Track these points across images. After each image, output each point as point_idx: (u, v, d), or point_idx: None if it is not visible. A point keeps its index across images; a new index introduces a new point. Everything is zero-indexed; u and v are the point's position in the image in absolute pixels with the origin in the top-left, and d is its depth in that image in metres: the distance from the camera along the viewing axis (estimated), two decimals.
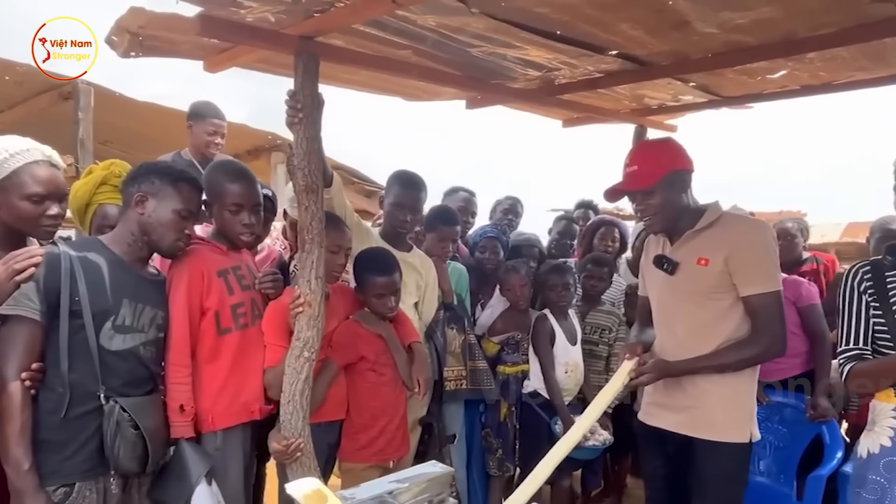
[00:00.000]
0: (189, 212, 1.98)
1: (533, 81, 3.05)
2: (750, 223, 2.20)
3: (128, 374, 1.87)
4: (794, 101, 3.70)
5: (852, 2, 2.05)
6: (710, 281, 2.08)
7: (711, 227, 2.10)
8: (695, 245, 2.12)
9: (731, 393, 2.09)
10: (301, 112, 2.06)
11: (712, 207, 2.13)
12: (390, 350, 2.41)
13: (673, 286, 2.18)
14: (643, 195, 2.12)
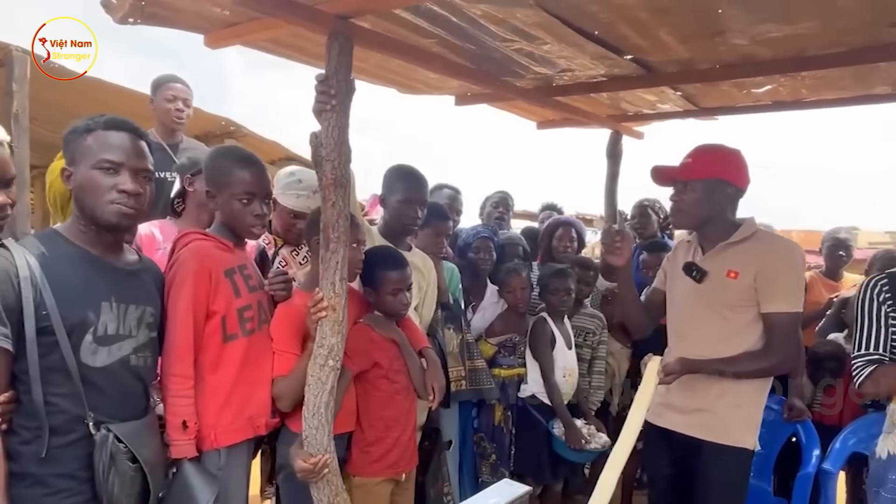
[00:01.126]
0: (112, 163, 1.55)
1: (535, 81, 3.01)
2: (783, 242, 2.25)
3: (119, 392, 1.61)
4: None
5: (875, 24, 2.14)
6: (737, 294, 2.13)
7: (745, 241, 2.14)
8: (726, 257, 2.17)
9: (743, 400, 2.15)
10: (334, 99, 1.89)
11: (748, 223, 2.18)
12: (403, 356, 2.28)
13: (698, 294, 2.21)
14: (683, 187, 2.18)
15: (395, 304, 2.26)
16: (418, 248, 2.72)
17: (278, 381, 2.02)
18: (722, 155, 2.22)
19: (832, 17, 2.01)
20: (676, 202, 2.22)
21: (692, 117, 4.08)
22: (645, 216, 4.07)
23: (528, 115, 4.14)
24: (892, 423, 1.94)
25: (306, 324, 2.04)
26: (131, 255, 1.77)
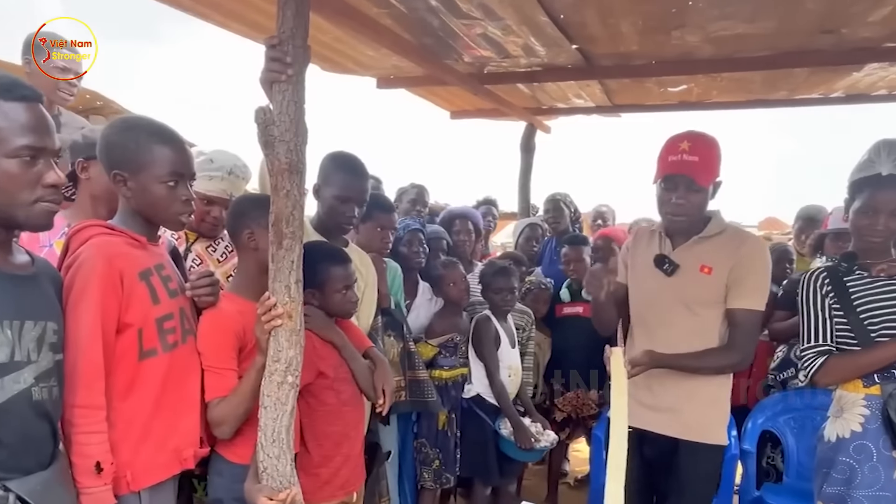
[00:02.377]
0: (32, 149, 1.25)
1: (470, 67, 2.88)
2: (755, 240, 2.26)
3: (19, 437, 1.24)
4: None
5: (808, 30, 2.26)
6: (710, 290, 2.11)
7: (718, 236, 2.12)
8: (699, 251, 2.13)
9: (717, 397, 2.17)
10: (290, 68, 1.60)
11: (718, 217, 2.16)
12: (346, 360, 2.03)
13: (669, 288, 2.16)
14: (692, 189, 2.04)
15: (344, 303, 2.01)
16: (359, 245, 2.46)
17: (217, 404, 1.70)
18: (718, 153, 2.11)
19: (789, 19, 2.08)
20: (682, 205, 2.06)
21: (598, 114, 4.20)
22: (558, 210, 4.11)
23: (444, 103, 4.03)
24: (839, 408, 2.05)
25: (240, 334, 1.76)
26: (21, 256, 1.36)
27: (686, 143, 2.02)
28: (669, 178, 2.06)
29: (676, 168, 2.03)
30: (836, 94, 3.43)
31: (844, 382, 2.03)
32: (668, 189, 2.09)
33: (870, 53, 2.55)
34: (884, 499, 1.90)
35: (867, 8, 2.07)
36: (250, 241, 1.85)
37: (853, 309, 2.00)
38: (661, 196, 2.12)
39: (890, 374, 1.93)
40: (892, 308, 1.96)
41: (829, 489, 1.99)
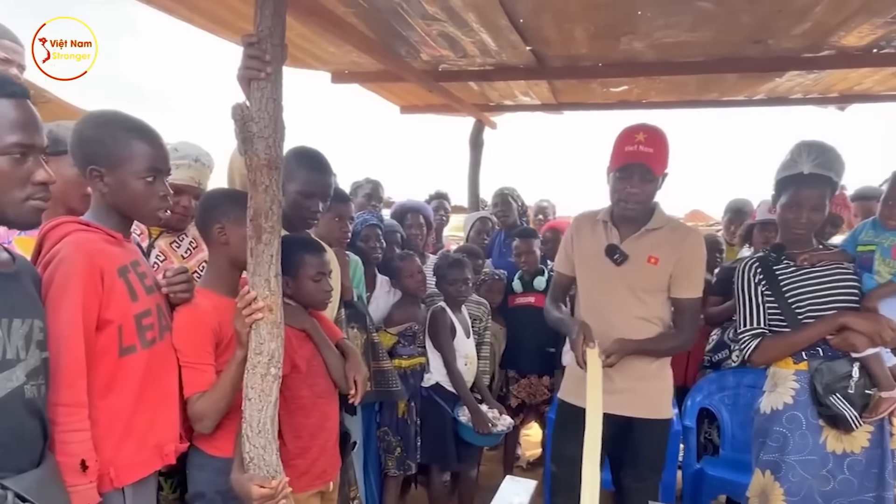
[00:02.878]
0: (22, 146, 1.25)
1: (425, 65, 2.94)
2: (695, 233, 2.42)
3: (12, 435, 1.24)
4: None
5: (741, 40, 2.46)
6: (656, 279, 2.28)
7: (662, 229, 2.28)
8: (647, 242, 2.28)
9: (664, 375, 2.36)
10: (269, 66, 1.62)
11: (660, 209, 2.32)
12: (319, 349, 2.07)
13: (618, 277, 2.30)
14: (646, 179, 2.17)
15: (318, 292, 2.03)
16: (318, 237, 2.47)
17: (198, 399, 1.70)
18: (669, 145, 2.24)
19: (725, 30, 2.27)
20: (636, 194, 2.20)
21: (542, 111, 4.36)
22: (506, 204, 4.25)
23: (394, 98, 4.07)
24: (773, 383, 2.26)
25: (216, 329, 1.77)
26: (2, 253, 1.34)
27: (642, 135, 2.16)
28: (626, 167, 2.19)
29: (633, 158, 2.16)
30: (758, 96, 3.73)
31: (777, 361, 2.25)
32: (623, 178, 2.21)
33: (791, 62, 2.81)
34: (811, 462, 2.12)
35: (791, 23, 2.29)
36: (220, 236, 1.84)
37: (782, 295, 2.22)
38: (616, 185, 2.24)
39: (815, 352, 2.15)
40: (815, 293, 2.18)
41: (766, 456, 2.20)
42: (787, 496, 2.12)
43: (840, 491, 2.09)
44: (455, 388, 2.91)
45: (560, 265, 2.53)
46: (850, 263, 2.24)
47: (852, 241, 2.32)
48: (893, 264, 2.15)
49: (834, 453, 2.11)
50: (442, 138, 10.60)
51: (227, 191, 1.94)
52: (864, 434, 2.10)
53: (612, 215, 2.36)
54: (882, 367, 2.12)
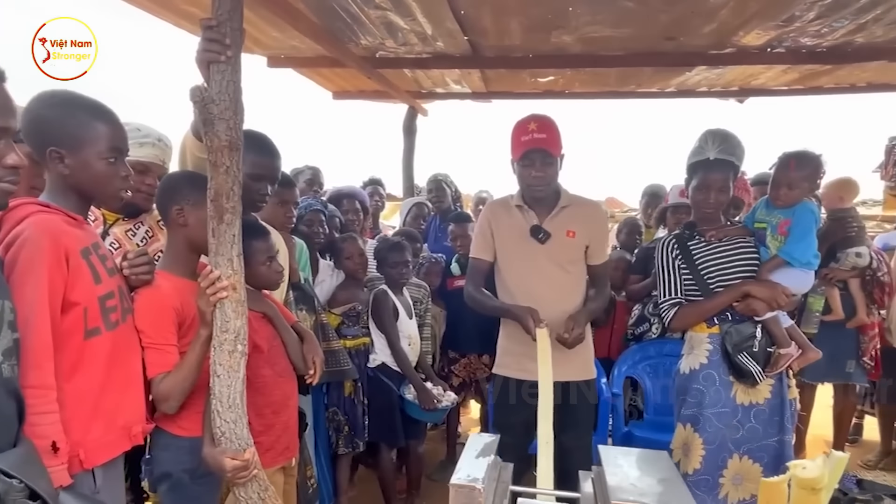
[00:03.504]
0: None
1: (364, 51, 3.00)
2: (599, 207, 2.69)
3: None
4: None
5: (656, 36, 2.70)
6: (575, 250, 2.50)
7: (571, 206, 2.50)
8: (563, 219, 2.50)
9: (588, 341, 2.56)
10: (229, 49, 1.65)
11: (563, 189, 2.53)
12: (279, 331, 2.12)
13: (544, 254, 2.48)
14: (546, 162, 2.37)
15: (270, 274, 2.08)
16: (263, 220, 2.49)
17: (162, 379, 1.72)
18: (558, 129, 2.44)
19: (644, 26, 2.49)
20: (541, 177, 2.38)
21: (472, 99, 4.51)
22: (440, 190, 4.37)
23: (327, 83, 4.08)
24: (690, 347, 2.53)
25: (179, 309, 1.79)
26: None
27: (533, 124, 2.36)
28: (526, 154, 2.38)
29: (530, 145, 2.36)
30: (669, 89, 4.05)
31: (693, 326, 2.51)
32: (526, 165, 2.41)
33: (699, 58, 3.11)
34: (724, 413, 2.39)
35: (701, 23, 2.55)
36: (179, 217, 1.85)
37: (696, 267, 2.48)
38: (522, 172, 2.44)
39: (725, 317, 2.42)
40: (723, 265, 2.46)
41: (686, 411, 2.46)
42: (706, 445, 2.38)
43: (748, 437, 2.38)
44: (400, 367, 3.02)
45: (479, 252, 2.61)
46: (751, 237, 2.53)
47: (751, 219, 2.60)
48: (781, 239, 2.44)
49: (742, 405, 2.39)
50: (375, 125, 10.55)
51: (186, 173, 1.95)
52: (767, 387, 2.39)
53: (524, 199, 2.53)
54: (779, 328, 2.42)
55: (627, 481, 1.28)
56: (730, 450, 2.39)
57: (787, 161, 2.46)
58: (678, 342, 3.29)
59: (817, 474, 0.94)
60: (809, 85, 3.80)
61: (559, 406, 2.50)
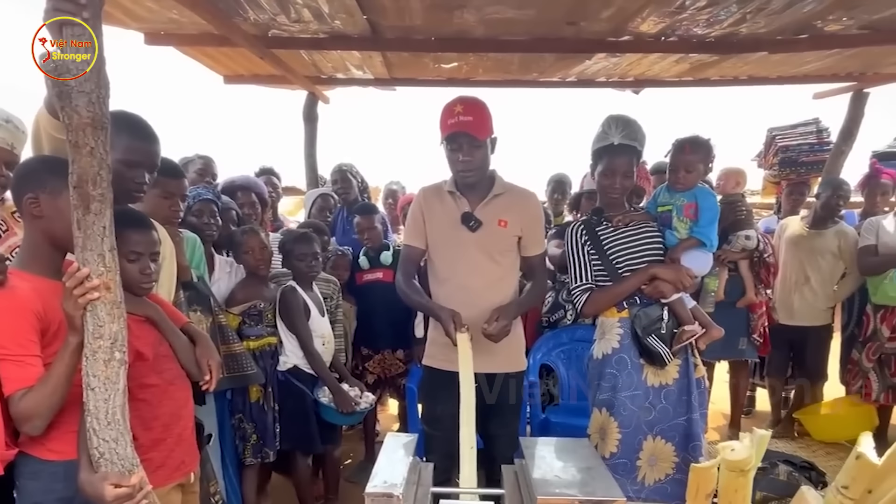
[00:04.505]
0: None
1: (255, 27, 2.78)
2: (534, 198, 2.57)
3: None
4: None
5: (558, 19, 2.69)
6: (506, 240, 2.43)
7: (505, 194, 2.42)
8: (494, 208, 2.41)
9: (518, 332, 2.52)
10: (86, 9, 1.42)
11: (498, 176, 2.45)
12: (166, 336, 1.89)
13: (473, 242, 2.39)
14: (473, 146, 2.27)
15: (135, 274, 1.75)
16: (146, 213, 2.23)
17: (23, 396, 1.46)
18: (487, 111, 2.35)
19: (546, 8, 2.46)
20: (469, 161, 2.30)
21: (375, 86, 4.36)
22: (346, 181, 4.19)
23: (217, 66, 3.79)
24: (601, 332, 2.54)
25: (41, 314, 1.55)
26: None
27: (460, 107, 2.28)
28: (452, 137, 2.30)
29: (456, 128, 2.27)
30: (570, 78, 4.11)
31: (604, 311, 2.52)
32: (453, 149, 2.32)
33: (599, 45, 3.14)
34: (637, 396, 2.42)
35: (600, 7, 2.56)
36: (34, 208, 1.60)
37: (605, 252, 2.50)
38: (450, 156, 2.35)
39: (634, 301, 2.46)
40: (629, 249, 2.49)
41: (601, 396, 2.48)
42: (621, 428, 2.41)
43: (660, 418, 2.43)
44: (314, 369, 2.83)
45: (411, 239, 2.55)
46: (653, 222, 2.58)
47: (653, 204, 2.68)
48: (687, 222, 2.53)
49: (653, 387, 2.43)
50: (272, 112, 10.09)
51: (40, 157, 1.68)
52: (675, 368, 2.45)
53: (456, 185, 2.45)
54: (684, 309, 2.49)
55: (551, 473, 1.24)
56: (644, 431, 2.43)
57: (682, 145, 2.56)
58: (589, 328, 3.33)
59: (746, 455, 0.91)
60: (698, 76, 3.98)
61: (482, 396, 2.44)
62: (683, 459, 2.45)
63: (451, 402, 2.37)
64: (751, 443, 0.96)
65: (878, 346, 3.71)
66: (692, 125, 29.74)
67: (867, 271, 3.72)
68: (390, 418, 4.48)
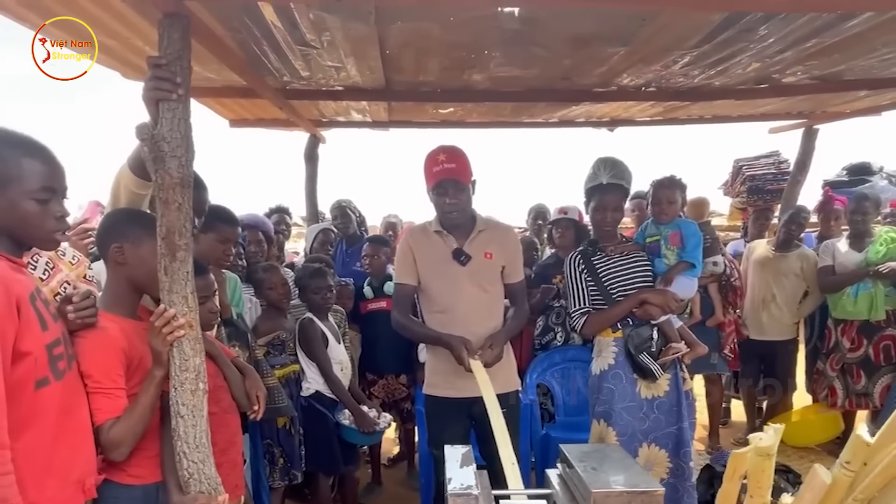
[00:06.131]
0: None
1: (277, 82, 3.03)
2: (512, 230, 2.87)
3: None
4: None
5: (556, 77, 3.01)
6: (493, 271, 2.66)
7: (488, 229, 2.66)
8: (480, 242, 2.64)
9: (510, 354, 2.73)
10: (180, 88, 1.67)
11: (478, 214, 2.68)
12: (222, 370, 2.11)
13: (464, 275, 2.60)
14: (459, 189, 2.51)
15: (205, 315, 2.03)
16: (197, 255, 2.43)
17: (112, 425, 1.64)
18: (467, 157, 2.59)
19: (548, 68, 2.78)
20: (455, 203, 2.52)
21: (371, 128, 4.64)
22: (345, 216, 4.42)
23: (224, 111, 4.02)
24: (598, 350, 2.83)
25: (127, 351, 1.73)
26: None
27: (443, 156, 2.52)
28: (439, 184, 2.52)
29: (441, 175, 2.50)
30: (553, 119, 4.45)
31: (600, 332, 2.81)
32: (440, 194, 2.54)
33: (587, 94, 3.48)
34: (632, 407, 2.70)
35: (595, 66, 2.89)
36: (118, 256, 1.78)
37: (600, 279, 2.80)
38: (437, 200, 2.58)
39: (627, 322, 2.75)
40: (622, 276, 2.80)
41: (599, 408, 2.76)
42: (619, 437, 2.68)
43: (654, 427, 2.71)
44: (335, 393, 3.03)
45: (403, 277, 2.67)
46: (643, 251, 2.90)
47: (641, 236, 3.00)
48: (674, 249, 2.86)
49: (647, 399, 2.72)
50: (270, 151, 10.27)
51: (124, 210, 1.88)
52: (665, 381, 2.74)
53: (442, 225, 2.65)
54: (672, 329, 2.79)
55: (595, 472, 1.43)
56: (639, 439, 2.71)
57: (662, 182, 2.94)
58: (581, 348, 3.62)
59: (772, 442, 1.19)
60: (668, 117, 4.37)
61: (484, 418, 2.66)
62: (676, 465, 2.74)
63: (456, 427, 2.60)
64: (774, 433, 1.23)
65: (840, 357, 4.07)
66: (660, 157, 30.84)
67: (826, 289, 4.10)
68: (389, 442, 4.65)
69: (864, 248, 3.95)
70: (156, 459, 1.77)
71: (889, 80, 3.32)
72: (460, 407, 2.59)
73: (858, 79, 3.29)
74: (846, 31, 2.31)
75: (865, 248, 3.94)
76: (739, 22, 2.17)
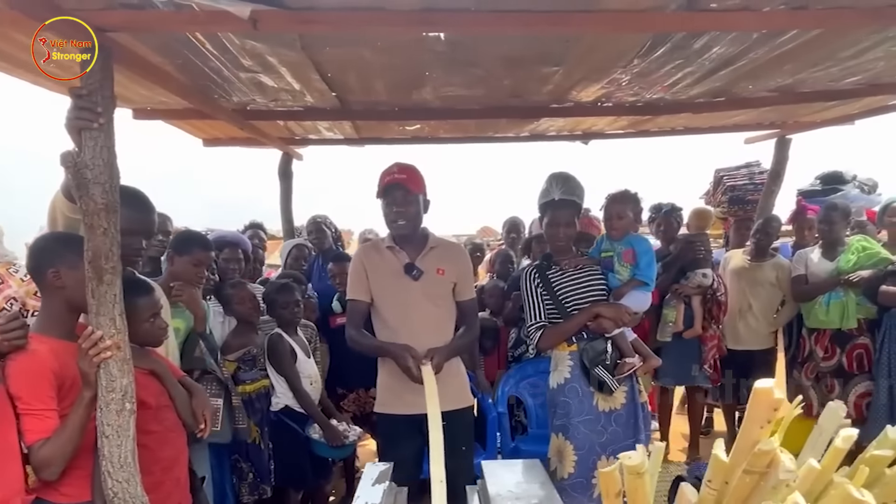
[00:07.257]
0: None
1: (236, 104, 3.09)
2: (463, 249, 2.91)
3: None
4: None
5: (504, 96, 3.06)
6: (445, 287, 2.68)
7: (439, 246, 2.70)
8: (433, 258, 2.67)
9: (461, 370, 2.75)
10: (102, 117, 1.72)
11: (430, 232, 2.73)
12: (167, 388, 2.14)
13: (416, 289, 2.62)
14: (407, 199, 2.55)
15: (154, 331, 2.10)
16: (172, 276, 2.59)
17: (41, 446, 1.67)
18: (420, 174, 2.65)
19: (492, 88, 2.84)
20: (403, 212, 2.54)
21: (345, 144, 4.69)
22: (320, 231, 4.47)
23: (196, 132, 4.09)
24: (555, 364, 2.84)
25: (58, 372, 1.76)
26: None
27: (395, 167, 2.59)
28: (387, 190, 2.56)
29: (391, 181, 2.55)
30: (524, 133, 4.49)
31: (556, 346, 2.82)
32: (388, 202, 2.58)
33: (544, 111, 3.53)
34: (589, 420, 2.70)
35: (539, 86, 2.95)
36: (56, 280, 1.82)
37: (555, 293, 2.81)
38: (385, 210, 2.61)
39: (582, 336, 2.76)
40: (576, 290, 2.80)
41: (557, 422, 2.76)
42: (577, 450, 2.68)
43: (611, 440, 2.70)
44: (304, 408, 3.05)
45: (356, 293, 2.68)
46: (597, 266, 2.90)
47: (597, 250, 3.00)
48: (627, 266, 2.85)
49: (604, 412, 2.72)
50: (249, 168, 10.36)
51: (59, 234, 1.93)
52: (622, 394, 2.74)
53: (395, 240, 2.65)
54: (625, 342, 2.79)
55: (506, 489, 1.48)
56: (598, 452, 2.69)
57: (615, 197, 2.93)
58: None
59: (639, 461, 1.19)
60: (639, 129, 4.40)
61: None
62: None
63: (409, 444, 2.58)
64: (643, 452, 1.24)
65: (814, 366, 4.04)
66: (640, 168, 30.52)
67: (799, 298, 4.09)
68: (369, 454, 4.65)
69: (836, 257, 3.95)
70: (88, 479, 1.80)
71: (849, 91, 3.33)
72: (412, 423, 2.56)
73: (818, 90, 3.31)
74: (778, 47, 2.34)
75: (837, 257, 3.94)
76: (670, 40, 2.20)
